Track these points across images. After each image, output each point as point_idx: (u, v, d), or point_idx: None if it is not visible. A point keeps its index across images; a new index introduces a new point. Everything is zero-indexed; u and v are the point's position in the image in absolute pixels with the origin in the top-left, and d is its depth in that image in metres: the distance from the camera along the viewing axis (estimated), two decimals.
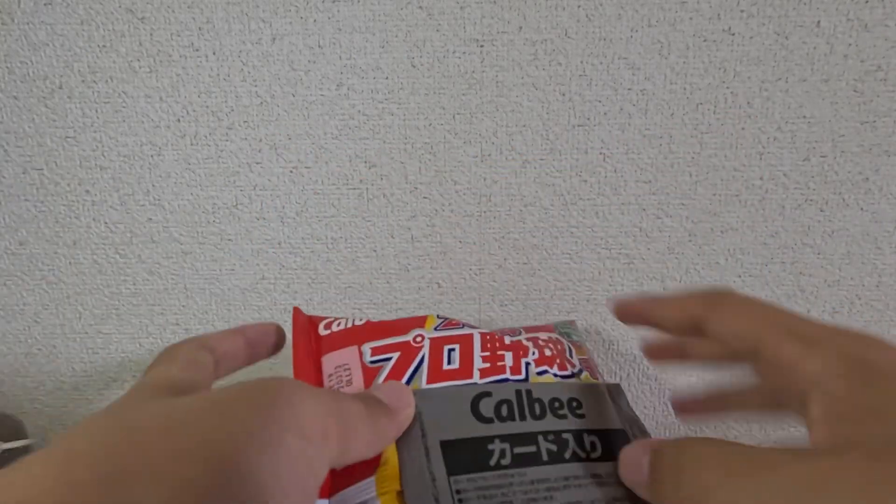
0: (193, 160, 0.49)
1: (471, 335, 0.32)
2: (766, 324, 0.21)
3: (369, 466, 0.25)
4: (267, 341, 0.29)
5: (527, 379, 0.30)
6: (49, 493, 0.15)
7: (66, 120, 0.48)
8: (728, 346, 0.23)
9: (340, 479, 0.25)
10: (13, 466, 0.17)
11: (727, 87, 0.47)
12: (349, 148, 0.49)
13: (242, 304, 0.53)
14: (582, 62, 0.47)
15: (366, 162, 0.49)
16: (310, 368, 0.30)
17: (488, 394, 0.28)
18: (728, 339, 0.22)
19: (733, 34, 0.46)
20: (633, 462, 0.23)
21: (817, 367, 0.19)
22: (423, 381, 0.29)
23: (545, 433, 0.27)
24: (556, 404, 0.28)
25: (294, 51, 0.47)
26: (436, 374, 0.29)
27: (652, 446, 0.23)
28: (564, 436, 0.27)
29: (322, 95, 0.48)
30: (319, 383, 0.30)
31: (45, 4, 0.46)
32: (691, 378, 0.54)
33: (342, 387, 0.29)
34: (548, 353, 0.32)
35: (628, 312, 0.28)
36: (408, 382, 0.28)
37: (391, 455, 0.25)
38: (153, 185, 0.50)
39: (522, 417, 0.27)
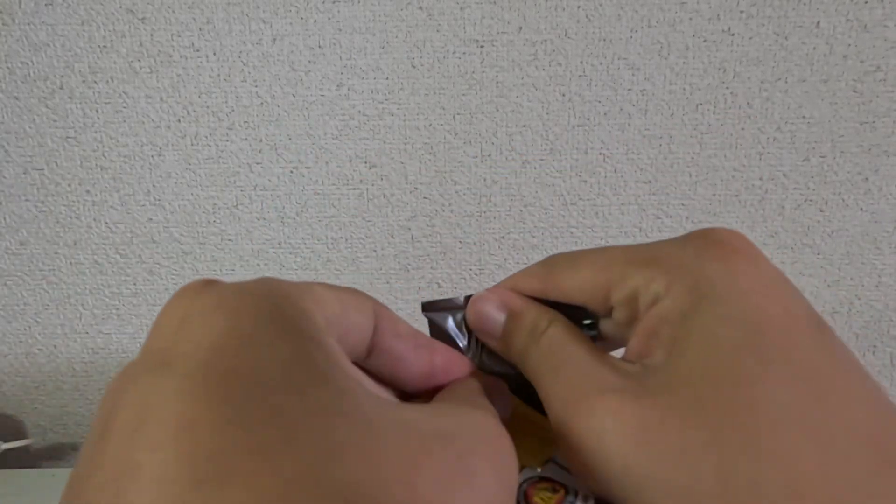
0: (194, 160, 0.49)
1: None
2: (606, 264, 0.21)
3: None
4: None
5: None
6: None
7: (66, 120, 0.48)
8: (581, 303, 0.22)
9: None
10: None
11: (727, 88, 0.47)
12: (349, 148, 0.49)
13: None
14: (582, 63, 0.47)
15: (366, 162, 0.49)
16: None
17: None
18: (578, 298, 0.22)
19: (733, 35, 0.46)
20: (486, 315, 0.23)
21: (660, 288, 0.19)
22: None
23: None
24: None
25: (294, 51, 0.47)
26: None
27: (509, 307, 0.22)
28: None
29: (322, 96, 0.48)
30: None
31: (45, 5, 0.46)
32: None
33: None
34: None
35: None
36: None
37: None
38: (154, 186, 0.50)
39: None
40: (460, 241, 0.51)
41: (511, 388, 0.24)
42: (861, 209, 0.50)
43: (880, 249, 0.51)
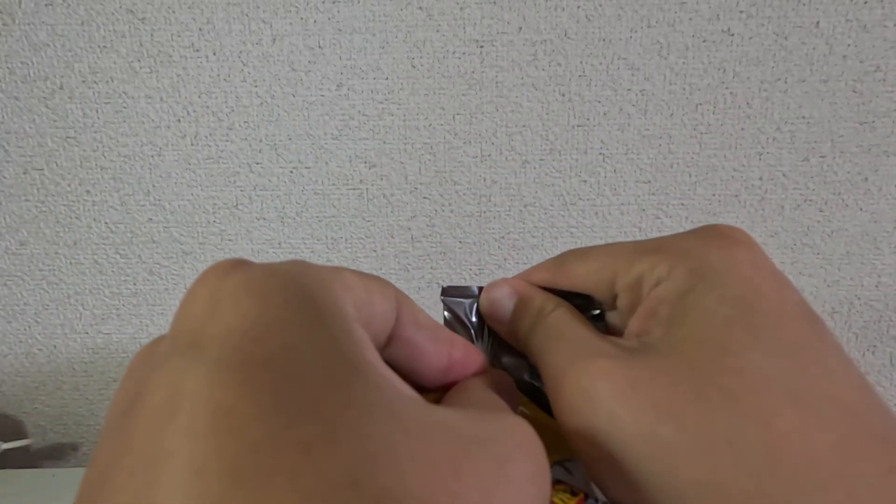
0: (194, 160, 0.49)
1: None
2: (613, 256, 0.22)
3: None
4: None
5: None
6: None
7: (66, 120, 0.48)
8: (587, 292, 0.23)
9: None
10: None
11: (726, 88, 0.47)
12: (349, 148, 0.49)
13: None
14: (581, 63, 0.47)
15: (366, 162, 0.50)
16: None
17: None
18: (584, 286, 0.23)
19: (732, 35, 0.46)
20: (497, 301, 0.24)
21: (663, 272, 0.20)
22: None
23: None
24: None
25: (294, 51, 0.47)
26: None
27: (519, 293, 0.24)
28: None
29: (322, 96, 0.48)
30: None
31: (46, 5, 0.46)
32: None
33: None
34: None
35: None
36: None
37: None
38: (154, 186, 0.50)
39: None
40: (460, 241, 0.51)
41: (520, 388, 0.24)
42: (861, 209, 0.50)
43: (880, 249, 0.51)
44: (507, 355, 0.24)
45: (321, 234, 0.51)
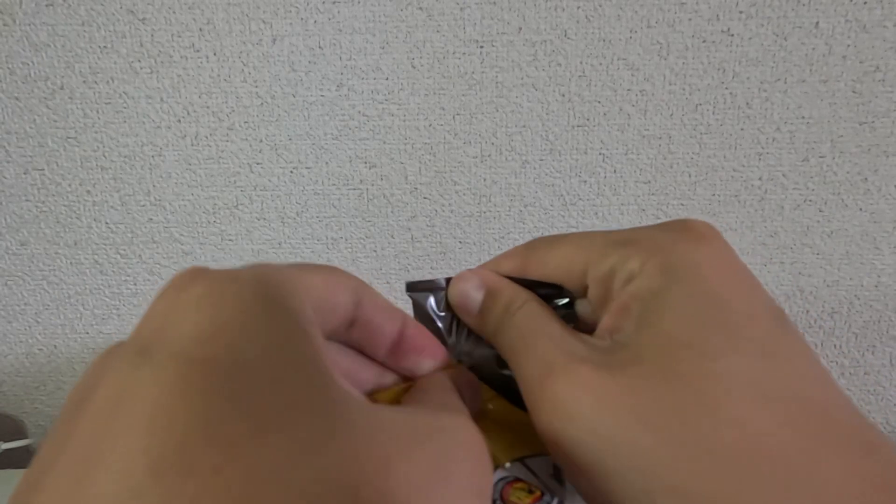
0: (194, 161, 0.49)
1: None
2: (586, 246, 0.22)
3: None
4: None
5: None
6: None
7: (67, 120, 0.48)
8: (558, 282, 0.23)
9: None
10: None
11: (726, 88, 0.47)
12: (349, 148, 0.49)
13: None
14: (581, 63, 0.47)
15: (366, 162, 0.50)
16: None
17: None
18: (554, 275, 0.22)
19: (732, 35, 0.46)
20: (465, 293, 0.24)
21: (636, 266, 0.20)
22: None
23: None
24: None
25: (294, 52, 0.47)
26: None
27: (487, 285, 0.23)
28: None
29: (322, 96, 0.48)
30: None
31: (46, 5, 0.46)
32: None
33: None
34: None
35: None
36: None
37: None
38: (154, 186, 0.50)
39: None
40: (460, 241, 0.51)
41: (491, 381, 0.24)
42: (860, 209, 0.50)
43: (879, 249, 0.51)
44: (478, 347, 0.24)
45: (321, 234, 0.51)
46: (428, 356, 0.22)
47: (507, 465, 0.23)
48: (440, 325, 0.25)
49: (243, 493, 0.11)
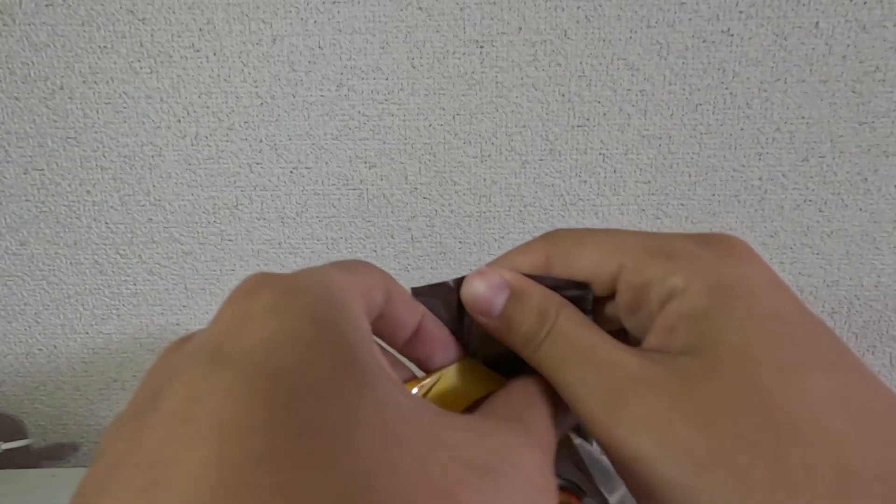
0: (194, 161, 0.49)
1: None
2: (620, 248, 0.21)
3: None
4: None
5: None
6: None
7: (67, 120, 0.48)
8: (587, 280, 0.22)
9: None
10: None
11: (726, 88, 0.47)
12: (349, 148, 0.49)
13: None
14: (581, 63, 0.47)
15: (366, 162, 0.50)
16: None
17: None
18: (582, 275, 0.21)
19: (732, 35, 0.46)
20: (483, 295, 0.22)
21: (679, 283, 0.19)
22: None
23: None
24: None
25: (294, 52, 0.47)
26: None
27: (513, 287, 0.22)
28: None
29: (322, 96, 0.48)
30: None
31: (46, 6, 0.46)
32: None
33: None
34: None
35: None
36: None
37: None
38: (154, 186, 0.50)
39: None
40: (460, 241, 0.51)
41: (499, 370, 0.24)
42: (860, 209, 0.50)
43: (879, 249, 0.51)
44: (492, 347, 0.23)
45: (321, 234, 0.51)
46: (441, 349, 0.22)
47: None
48: (450, 328, 0.24)
49: None
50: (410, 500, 0.13)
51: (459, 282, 0.22)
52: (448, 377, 0.22)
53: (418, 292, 0.23)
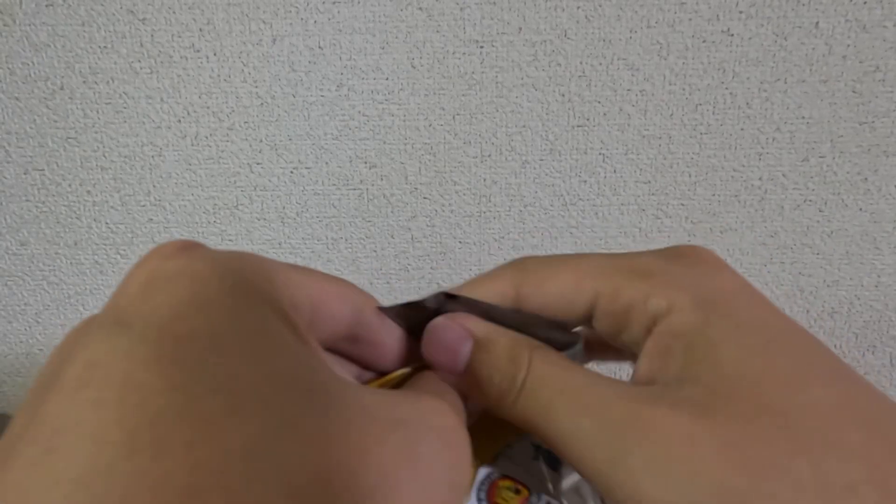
0: (194, 161, 0.50)
1: None
2: (591, 273, 0.20)
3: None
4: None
5: None
6: None
7: (67, 121, 0.48)
8: (558, 311, 0.20)
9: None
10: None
11: (726, 88, 0.47)
12: (349, 148, 0.49)
13: None
14: (581, 63, 0.47)
15: (366, 162, 0.50)
16: None
17: None
18: (555, 304, 0.20)
19: (732, 35, 0.46)
20: (444, 345, 0.20)
21: (662, 303, 0.18)
22: None
23: None
24: None
25: (294, 52, 0.47)
26: None
27: (476, 336, 0.20)
28: None
29: (322, 96, 0.48)
30: None
31: (46, 6, 0.46)
32: None
33: None
34: None
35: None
36: None
37: None
38: (154, 186, 0.50)
39: None
40: (460, 241, 0.51)
41: None
42: (860, 209, 0.50)
43: (880, 249, 0.51)
44: None
45: (321, 234, 0.51)
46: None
47: (491, 466, 0.22)
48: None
49: (215, 471, 0.11)
50: (321, 453, 0.13)
51: (440, 297, 0.21)
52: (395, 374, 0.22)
53: (387, 312, 0.21)
